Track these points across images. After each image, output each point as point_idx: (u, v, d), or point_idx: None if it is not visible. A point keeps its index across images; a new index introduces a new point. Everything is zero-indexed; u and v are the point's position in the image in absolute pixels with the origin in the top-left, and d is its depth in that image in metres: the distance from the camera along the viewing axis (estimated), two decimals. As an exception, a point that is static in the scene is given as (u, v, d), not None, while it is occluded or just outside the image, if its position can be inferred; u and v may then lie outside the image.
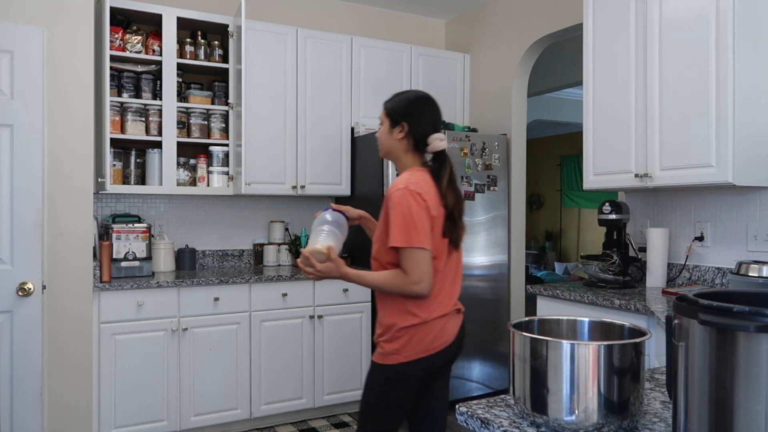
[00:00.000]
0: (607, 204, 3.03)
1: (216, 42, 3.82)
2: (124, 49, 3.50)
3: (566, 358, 1.04)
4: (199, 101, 3.74)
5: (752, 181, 2.47)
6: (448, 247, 1.93)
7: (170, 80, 3.58)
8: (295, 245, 4.07)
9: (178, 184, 3.66)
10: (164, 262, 3.66)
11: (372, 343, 3.88)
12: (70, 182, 2.88)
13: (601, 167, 2.99)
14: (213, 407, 3.39)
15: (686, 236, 2.97)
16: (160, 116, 3.58)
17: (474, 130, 4.24)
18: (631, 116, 2.81)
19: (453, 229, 1.92)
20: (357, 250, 4.11)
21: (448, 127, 4.17)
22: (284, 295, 3.59)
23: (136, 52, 3.53)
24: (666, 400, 1.20)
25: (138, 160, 3.62)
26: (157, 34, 3.58)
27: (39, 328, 2.65)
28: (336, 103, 4.10)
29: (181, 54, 3.70)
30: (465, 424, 1.14)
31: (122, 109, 3.52)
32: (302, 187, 3.98)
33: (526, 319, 1.26)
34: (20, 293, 2.57)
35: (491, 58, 4.43)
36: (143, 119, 3.56)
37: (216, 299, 3.39)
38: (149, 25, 3.65)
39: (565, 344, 1.04)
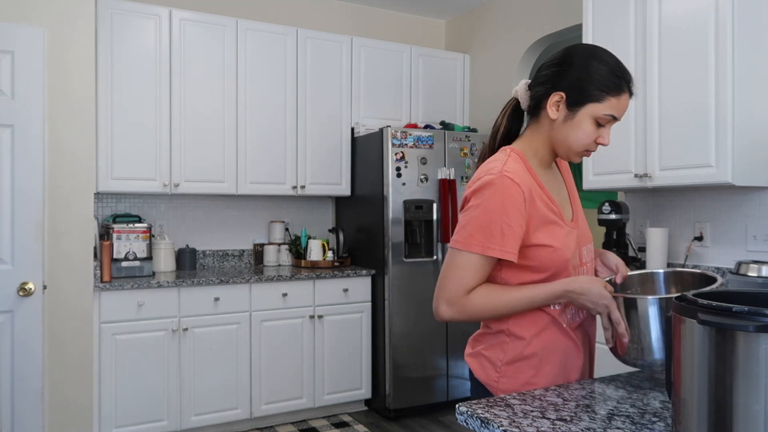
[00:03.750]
0: (606, 204, 3.03)
1: (216, 42, 3.82)
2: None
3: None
4: (199, 101, 3.75)
5: (751, 181, 2.47)
6: None
7: (170, 80, 3.59)
8: (295, 245, 4.08)
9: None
10: (165, 262, 3.66)
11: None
12: (70, 182, 2.88)
13: (601, 167, 2.99)
14: (213, 407, 3.39)
15: (686, 236, 2.98)
16: (161, 116, 3.59)
17: (474, 130, 4.24)
18: (631, 116, 2.82)
19: None
20: (357, 250, 4.12)
21: (448, 127, 4.18)
22: (284, 295, 3.60)
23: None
24: (666, 400, 1.20)
25: (138, 160, 3.63)
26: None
27: (39, 328, 2.65)
28: (336, 103, 4.10)
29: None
30: (465, 424, 1.14)
31: (122, 109, 3.52)
32: (302, 187, 3.98)
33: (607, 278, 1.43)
34: (21, 293, 2.58)
35: (491, 58, 4.43)
36: (143, 119, 3.56)
37: (216, 299, 3.40)
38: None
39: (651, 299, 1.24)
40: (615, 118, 1.34)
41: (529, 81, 1.41)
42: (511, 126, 1.42)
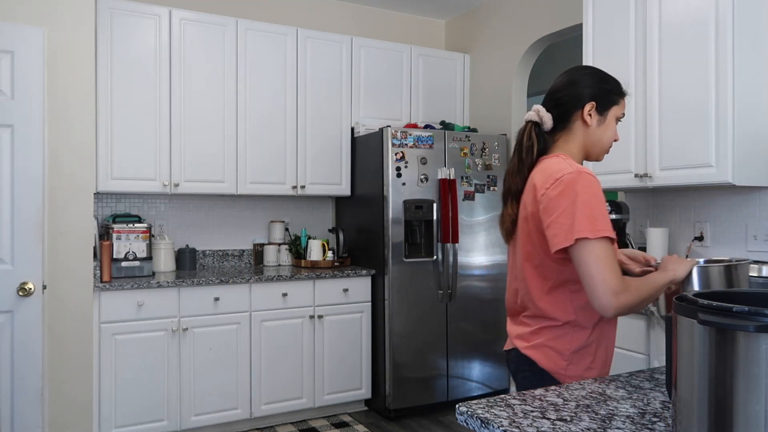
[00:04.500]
0: (607, 204, 3.03)
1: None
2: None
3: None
4: (199, 101, 3.75)
5: (751, 181, 2.47)
6: None
7: (170, 80, 3.59)
8: (295, 245, 4.08)
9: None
10: (164, 262, 3.66)
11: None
12: (70, 182, 2.88)
13: (601, 167, 2.99)
14: (213, 407, 3.39)
15: (686, 236, 2.98)
16: (161, 116, 3.59)
17: (474, 130, 4.24)
18: (631, 116, 2.82)
19: None
20: (357, 250, 4.12)
21: (448, 127, 4.18)
22: (284, 295, 3.60)
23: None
24: (666, 400, 1.20)
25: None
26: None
27: (39, 328, 2.65)
28: (336, 103, 4.10)
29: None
30: (465, 424, 1.14)
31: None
32: (302, 187, 3.98)
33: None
34: (21, 293, 2.58)
35: (491, 58, 4.43)
36: (143, 119, 3.56)
37: (216, 299, 3.40)
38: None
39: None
40: (623, 116, 1.63)
41: (541, 106, 1.61)
42: (543, 143, 1.59)
